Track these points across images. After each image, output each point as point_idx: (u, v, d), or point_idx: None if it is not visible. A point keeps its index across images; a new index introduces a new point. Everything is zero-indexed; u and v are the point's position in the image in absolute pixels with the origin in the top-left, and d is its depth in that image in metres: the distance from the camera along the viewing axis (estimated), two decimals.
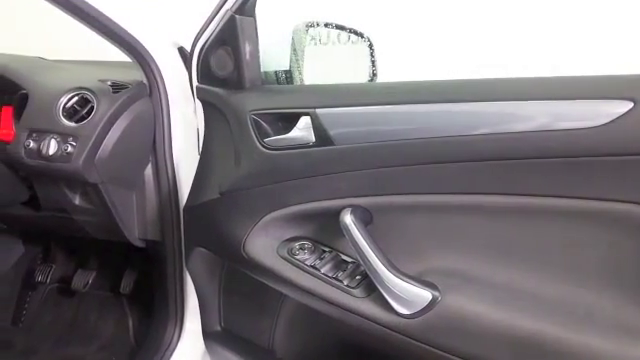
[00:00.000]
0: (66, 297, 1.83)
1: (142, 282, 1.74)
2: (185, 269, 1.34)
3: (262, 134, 1.06)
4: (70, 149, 1.22)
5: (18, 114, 1.35)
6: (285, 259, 1.05)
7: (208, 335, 1.33)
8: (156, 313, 1.48)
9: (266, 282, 1.10)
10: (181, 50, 1.32)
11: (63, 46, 1.73)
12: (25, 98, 1.32)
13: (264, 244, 1.07)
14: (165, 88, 1.28)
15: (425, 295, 0.89)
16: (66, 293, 1.83)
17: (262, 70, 1.16)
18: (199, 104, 1.20)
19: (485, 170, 0.87)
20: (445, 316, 0.89)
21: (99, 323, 1.77)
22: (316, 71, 1.27)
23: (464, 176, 0.89)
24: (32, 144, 1.25)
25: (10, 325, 1.81)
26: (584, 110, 0.81)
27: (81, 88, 1.28)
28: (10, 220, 1.64)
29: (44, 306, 1.83)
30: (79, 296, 1.81)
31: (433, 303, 0.89)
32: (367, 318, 0.94)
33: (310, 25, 1.26)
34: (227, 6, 1.09)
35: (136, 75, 1.29)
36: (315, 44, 1.28)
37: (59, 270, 1.86)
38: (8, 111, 1.42)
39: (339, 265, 1.02)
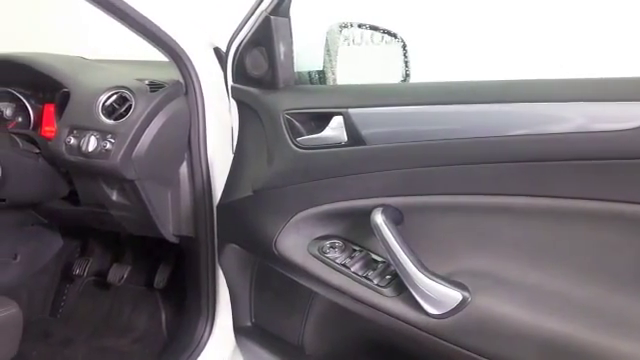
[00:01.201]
0: (102, 290, 1.87)
1: (175, 277, 1.77)
2: (217, 265, 1.37)
3: (295, 133, 1.08)
4: (109, 146, 1.25)
5: (60, 112, 1.40)
6: (316, 257, 1.06)
7: (239, 330, 1.35)
8: (188, 308, 1.51)
9: (296, 279, 1.11)
10: (217, 50, 1.34)
11: (103, 46, 1.77)
12: (67, 96, 1.37)
13: (295, 242, 1.09)
14: (201, 87, 1.30)
15: (455, 295, 0.89)
16: (102, 286, 1.87)
17: (296, 70, 1.18)
18: (234, 103, 1.23)
19: (517, 171, 0.87)
20: (475, 317, 0.88)
21: (133, 316, 1.81)
22: (349, 71, 1.27)
23: (496, 177, 0.89)
24: (72, 141, 1.29)
25: (49, 316, 1.87)
26: (618, 112, 0.81)
27: (120, 87, 1.32)
28: (50, 214, 1.69)
29: (81, 298, 1.88)
30: (114, 289, 1.85)
31: (463, 304, 0.89)
32: (396, 317, 0.95)
33: (344, 26, 1.27)
34: (262, 7, 1.10)
35: (173, 74, 1.32)
36: (348, 44, 1.28)
37: (96, 264, 1.91)
38: (50, 109, 1.47)
39: (369, 264, 1.03)
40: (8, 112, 1.51)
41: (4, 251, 1.79)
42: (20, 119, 1.51)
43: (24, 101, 1.51)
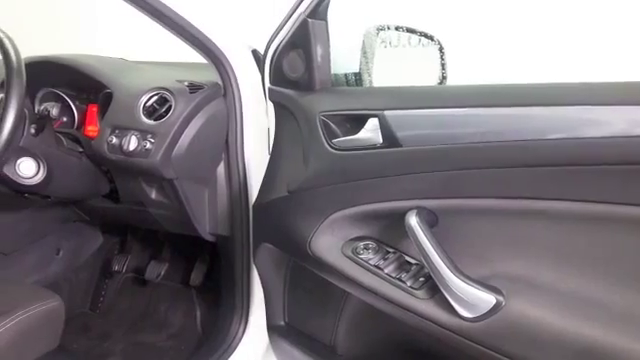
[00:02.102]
0: (140, 286, 1.92)
1: (211, 275, 1.80)
2: (252, 264, 1.39)
3: (330, 135, 1.09)
4: (149, 145, 1.28)
5: (102, 112, 1.44)
6: (349, 258, 1.06)
7: (272, 329, 1.36)
8: (223, 305, 1.53)
9: (330, 280, 1.12)
10: (255, 53, 1.36)
11: (144, 47, 1.82)
12: (109, 97, 1.40)
13: (329, 242, 1.09)
14: (239, 89, 1.32)
15: (489, 299, 0.89)
16: (140, 283, 1.92)
17: (332, 72, 1.19)
18: (270, 105, 1.24)
19: (554, 176, 0.86)
20: (509, 321, 0.88)
21: (169, 313, 1.85)
22: (386, 74, 1.28)
23: (533, 181, 0.88)
24: (114, 140, 1.33)
25: (88, 310, 1.93)
26: None
27: (160, 88, 1.35)
28: (92, 211, 1.74)
29: (119, 294, 1.93)
30: (152, 286, 1.89)
31: (497, 307, 0.88)
32: (429, 320, 0.95)
33: (381, 28, 1.28)
34: (300, 10, 1.12)
35: (212, 76, 1.34)
36: (385, 47, 1.29)
37: (134, 260, 1.96)
38: (94, 109, 1.51)
39: (403, 266, 1.03)
40: (54, 112, 1.56)
41: (48, 246, 1.85)
42: (65, 119, 1.56)
43: (69, 101, 1.56)
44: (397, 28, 1.25)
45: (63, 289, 1.85)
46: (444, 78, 1.22)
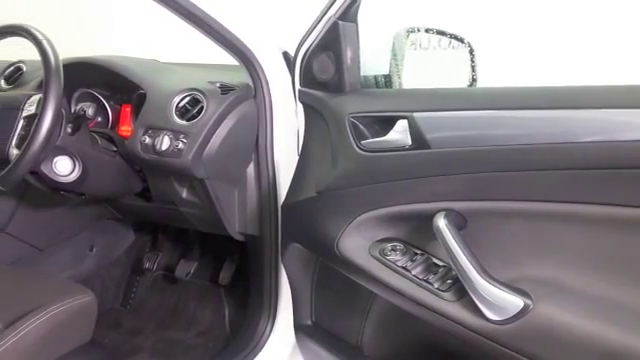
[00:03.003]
0: (170, 284, 1.95)
1: (239, 274, 1.82)
2: (280, 264, 1.40)
3: (359, 136, 1.09)
4: (181, 145, 1.30)
5: (136, 112, 1.47)
6: (377, 259, 1.07)
7: (299, 328, 1.37)
8: (251, 304, 1.54)
9: (357, 280, 1.12)
10: (285, 55, 1.37)
11: (177, 49, 1.84)
12: (143, 97, 1.43)
13: (357, 243, 1.10)
14: (269, 91, 1.34)
15: (517, 302, 0.88)
16: (170, 280, 1.95)
17: (362, 74, 1.19)
18: (300, 106, 1.25)
19: (587, 179, 0.85)
20: (536, 325, 0.87)
21: (198, 311, 1.87)
22: (415, 76, 1.28)
23: (563, 184, 0.88)
24: (147, 140, 1.35)
25: (119, 306, 1.96)
26: None
27: (192, 89, 1.36)
28: (124, 210, 1.77)
29: (150, 291, 1.96)
30: (181, 284, 1.92)
31: (525, 311, 0.88)
32: (456, 322, 0.95)
33: (411, 31, 1.28)
34: (330, 12, 1.13)
35: (243, 78, 1.36)
36: (415, 49, 1.29)
37: (165, 258, 1.99)
38: (127, 109, 1.54)
39: (430, 268, 1.03)
40: (90, 112, 1.60)
41: (82, 243, 1.89)
42: (100, 118, 1.59)
43: (104, 102, 1.59)
44: (427, 30, 1.25)
45: (95, 285, 1.89)
46: (474, 80, 1.21)
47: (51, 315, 1.10)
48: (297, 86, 1.24)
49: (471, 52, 1.21)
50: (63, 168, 1.31)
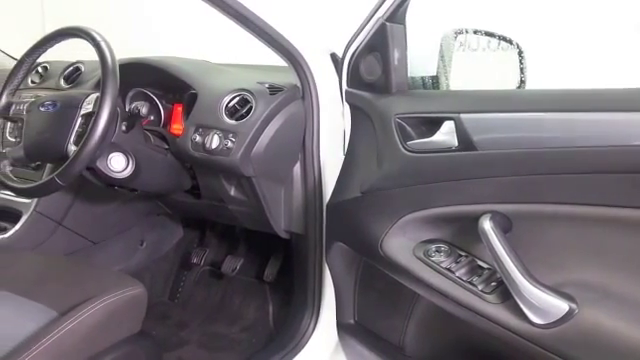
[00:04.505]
0: (216, 279, 1.99)
1: (284, 271, 1.84)
2: (324, 262, 1.41)
3: (405, 137, 1.10)
4: (230, 144, 1.33)
5: (187, 111, 1.50)
6: (421, 260, 1.07)
7: (342, 327, 1.38)
8: (295, 302, 1.56)
9: (401, 281, 1.13)
10: (333, 56, 1.38)
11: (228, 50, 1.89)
12: (194, 97, 1.47)
13: (401, 244, 1.10)
14: (317, 91, 1.35)
15: (561, 306, 0.87)
16: (216, 276, 1.99)
17: (409, 76, 1.19)
18: (347, 107, 1.27)
19: (636, 182, 0.83)
20: (581, 329, 0.86)
21: (243, 306, 1.90)
22: (463, 77, 1.27)
23: (613, 188, 0.86)
24: (198, 138, 1.39)
25: (167, 299, 2.02)
26: None
27: (242, 89, 1.39)
28: (174, 206, 1.82)
29: (197, 286, 2.01)
30: (227, 280, 1.96)
31: (569, 315, 0.87)
32: (500, 324, 0.94)
33: (459, 32, 1.27)
34: (378, 14, 1.14)
35: (291, 78, 1.37)
36: (464, 50, 1.28)
37: (212, 254, 2.03)
38: (179, 109, 1.59)
39: (474, 270, 1.02)
40: (144, 110, 1.65)
41: (133, 237, 1.95)
42: (152, 117, 1.64)
43: (156, 101, 1.64)
44: (475, 31, 1.25)
45: (145, 278, 1.93)
46: (523, 82, 1.20)
47: (104, 305, 1.14)
48: (344, 87, 1.25)
49: (520, 54, 1.20)
50: (117, 164, 1.35)
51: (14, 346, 1.04)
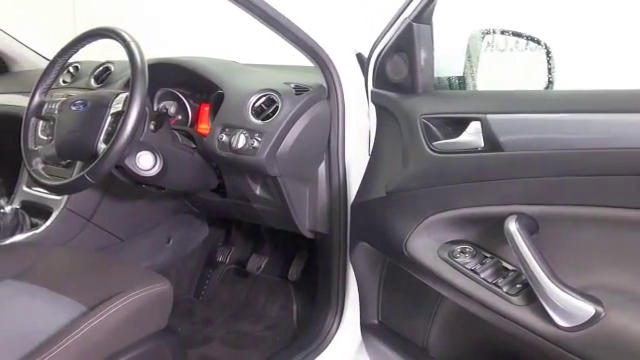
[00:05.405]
0: (241, 278, 2.00)
1: (308, 271, 1.85)
2: (348, 262, 1.41)
3: (431, 137, 1.09)
4: (256, 144, 1.34)
5: (214, 111, 1.52)
6: (445, 261, 1.07)
7: (365, 327, 1.38)
8: (319, 301, 1.56)
9: (425, 282, 1.12)
10: (359, 56, 1.38)
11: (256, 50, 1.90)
12: (221, 97, 1.48)
13: (426, 244, 1.10)
14: (342, 92, 1.35)
15: (588, 309, 0.86)
16: (241, 274, 2.00)
17: (435, 76, 1.19)
18: (372, 107, 1.27)
19: None
20: (607, 333, 0.85)
21: (267, 305, 1.91)
22: (490, 78, 1.26)
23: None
24: (224, 138, 1.40)
25: (193, 297, 2.04)
26: None
27: (268, 90, 1.40)
28: (201, 204, 1.84)
29: (222, 284, 2.03)
30: (252, 278, 1.97)
31: (596, 318, 0.86)
32: (524, 327, 0.93)
33: (486, 32, 1.26)
34: (405, 15, 1.13)
35: (317, 79, 1.38)
36: (491, 51, 1.27)
37: (237, 253, 2.05)
38: (206, 108, 1.61)
39: (500, 272, 1.02)
40: (171, 110, 1.67)
41: (160, 235, 1.98)
42: (180, 117, 1.66)
43: (184, 101, 1.66)
44: (503, 32, 1.24)
45: (171, 275, 1.96)
46: (550, 83, 1.18)
47: (131, 300, 1.16)
48: (370, 87, 1.25)
49: (548, 54, 1.19)
50: (145, 163, 1.38)
51: (46, 338, 1.06)
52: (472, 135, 1.02)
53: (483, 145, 1.01)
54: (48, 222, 1.71)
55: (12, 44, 2.26)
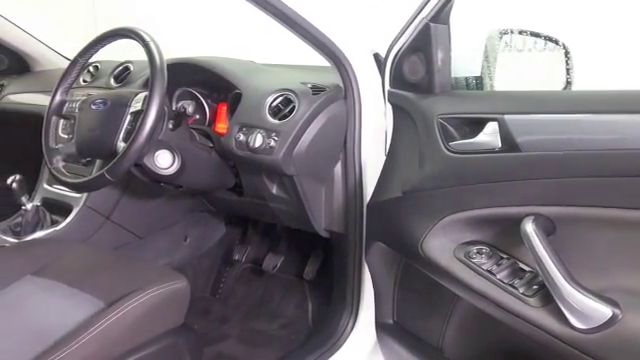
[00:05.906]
0: (257, 276, 2.02)
1: (323, 270, 1.85)
2: (364, 262, 1.41)
3: (448, 138, 1.09)
4: (273, 143, 1.35)
5: (232, 111, 1.53)
6: (461, 261, 1.06)
7: (381, 327, 1.38)
8: (334, 300, 1.57)
9: (441, 282, 1.12)
10: (376, 56, 1.38)
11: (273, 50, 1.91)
12: (238, 97, 1.49)
13: (442, 245, 1.10)
14: (359, 92, 1.36)
15: (605, 311, 0.85)
16: (257, 273, 2.01)
17: (453, 76, 1.19)
18: (389, 107, 1.27)
19: None
20: (624, 335, 0.84)
21: (282, 304, 1.92)
22: (508, 78, 1.26)
23: None
24: (241, 137, 1.41)
25: (209, 295, 2.06)
26: None
27: (285, 89, 1.41)
28: (217, 203, 1.85)
29: (238, 282, 2.04)
30: (267, 277, 1.98)
31: (613, 320, 0.85)
32: (541, 328, 0.93)
33: (504, 32, 1.26)
34: (422, 15, 1.13)
35: (334, 79, 1.38)
36: (509, 51, 1.27)
37: (253, 251, 2.06)
38: (223, 108, 1.62)
39: (516, 273, 1.01)
40: (190, 109, 1.69)
41: (177, 233, 2.00)
42: (198, 116, 1.68)
43: (202, 100, 1.68)
44: (521, 32, 1.23)
45: (188, 273, 1.97)
46: (569, 83, 1.17)
47: (149, 297, 1.17)
48: (387, 87, 1.25)
49: (566, 54, 1.18)
50: (164, 161, 1.39)
51: (64, 334, 1.08)
52: (489, 135, 1.02)
53: (500, 145, 1.01)
54: (68, 219, 1.74)
55: (34, 44, 2.30)
